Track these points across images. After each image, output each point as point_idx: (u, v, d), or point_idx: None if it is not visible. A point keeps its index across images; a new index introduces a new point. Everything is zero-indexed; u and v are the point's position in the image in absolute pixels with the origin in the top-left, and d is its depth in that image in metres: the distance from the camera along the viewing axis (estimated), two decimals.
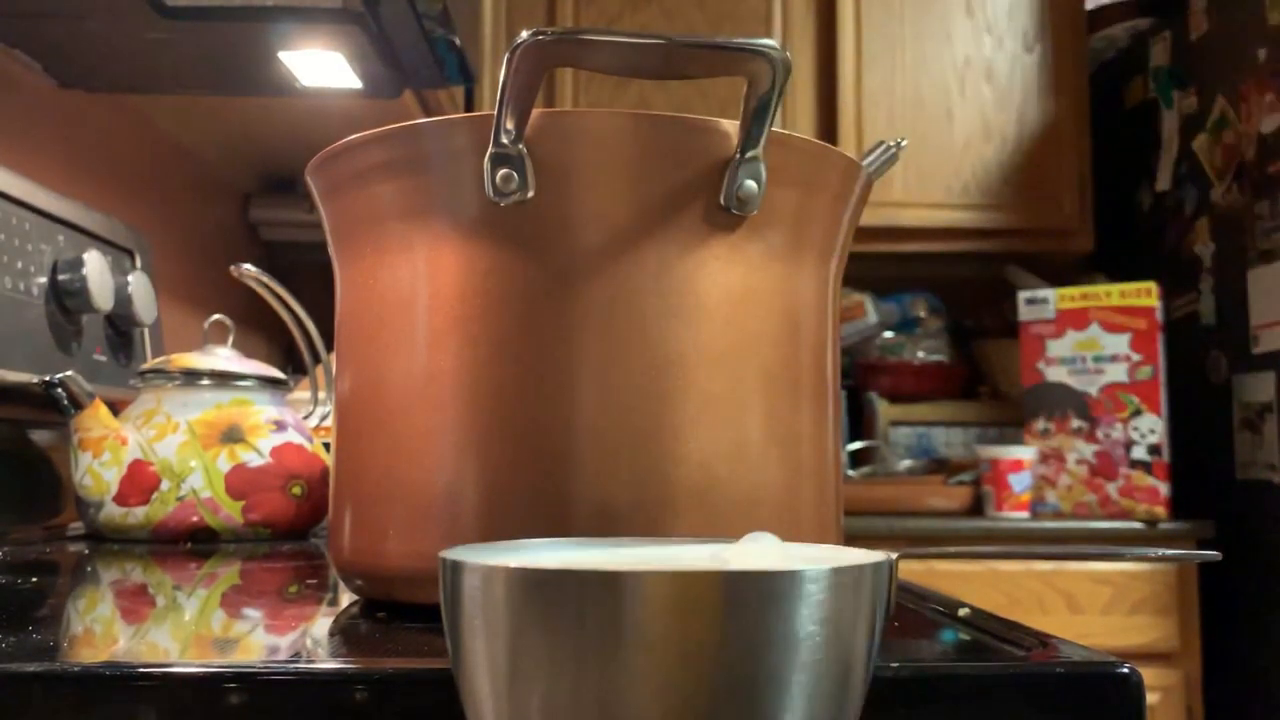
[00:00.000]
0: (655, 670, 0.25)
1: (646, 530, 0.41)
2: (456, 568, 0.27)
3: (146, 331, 1.12)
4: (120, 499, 0.81)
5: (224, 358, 0.88)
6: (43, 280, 0.94)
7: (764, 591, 0.25)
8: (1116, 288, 1.82)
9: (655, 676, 0.25)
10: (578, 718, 0.25)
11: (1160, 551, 0.32)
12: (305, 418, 0.93)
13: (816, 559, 0.32)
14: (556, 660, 0.25)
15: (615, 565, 0.26)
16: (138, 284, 1.04)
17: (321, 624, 0.44)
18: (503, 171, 0.41)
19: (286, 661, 0.35)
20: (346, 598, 0.50)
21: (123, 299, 1.02)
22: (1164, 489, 1.75)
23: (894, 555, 0.30)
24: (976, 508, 1.83)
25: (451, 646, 0.27)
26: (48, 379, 0.82)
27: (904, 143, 0.52)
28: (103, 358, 1.03)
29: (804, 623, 0.26)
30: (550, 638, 0.25)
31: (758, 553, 0.33)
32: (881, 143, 0.52)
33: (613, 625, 0.25)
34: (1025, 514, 1.78)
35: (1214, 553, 0.33)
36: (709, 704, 0.25)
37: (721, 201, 0.42)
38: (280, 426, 0.86)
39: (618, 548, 0.35)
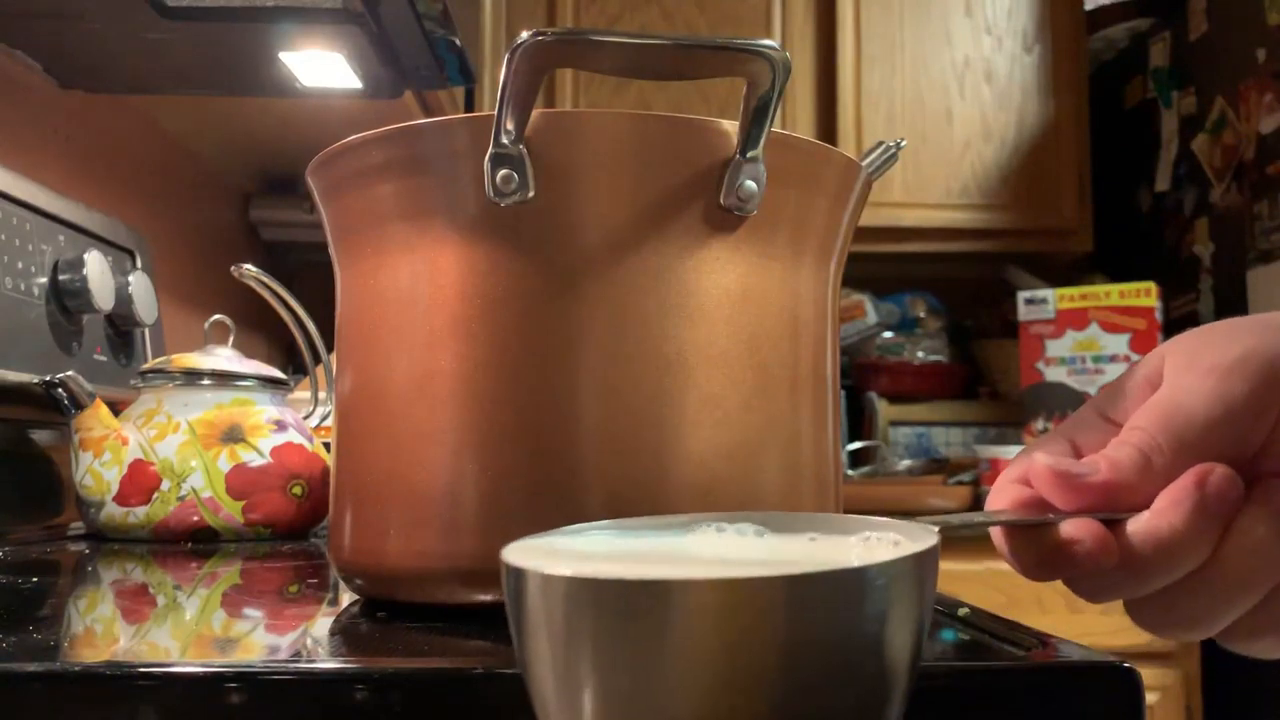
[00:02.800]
0: (715, 674, 0.25)
1: None
2: (519, 574, 0.27)
3: (147, 331, 1.12)
4: (121, 499, 0.81)
5: (225, 358, 0.88)
6: (43, 280, 0.94)
7: (824, 592, 0.25)
8: (1116, 288, 1.82)
9: (714, 680, 0.25)
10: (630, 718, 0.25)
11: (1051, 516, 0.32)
12: (306, 418, 0.93)
13: (850, 546, 0.31)
14: (612, 664, 0.25)
15: (672, 573, 0.26)
16: (138, 284, 1.04)
17: (322, 624, 0.44)
18: (503, 172, 0.41)
19: (287, 661, 0.35)
20: (347, 597, 0.50)
21: (123, 299, 1.02)
22: None
23: (936, 529, 0.29)
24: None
25: (517, 645, 0.28)
26: (48, 379, 0.82)
27: (904, 143, 0.52)
28: (103, 358, 1.03)
29: (865, 618, 0.25)
30: (604, 642, 0.25)
31: (791, 545, 0.33)
32: (881, 143, 0.52)
33: (664, 632, 0.25)
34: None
35: (1051, 516, 0.32)
36: (768, 705, 0.25)
37: (721, 202, 0.42)
38: (281, 426, 0.86)
39: (662, 534, 0.34)
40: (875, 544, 0.30)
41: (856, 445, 2.03)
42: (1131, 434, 0.31)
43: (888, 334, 2.17)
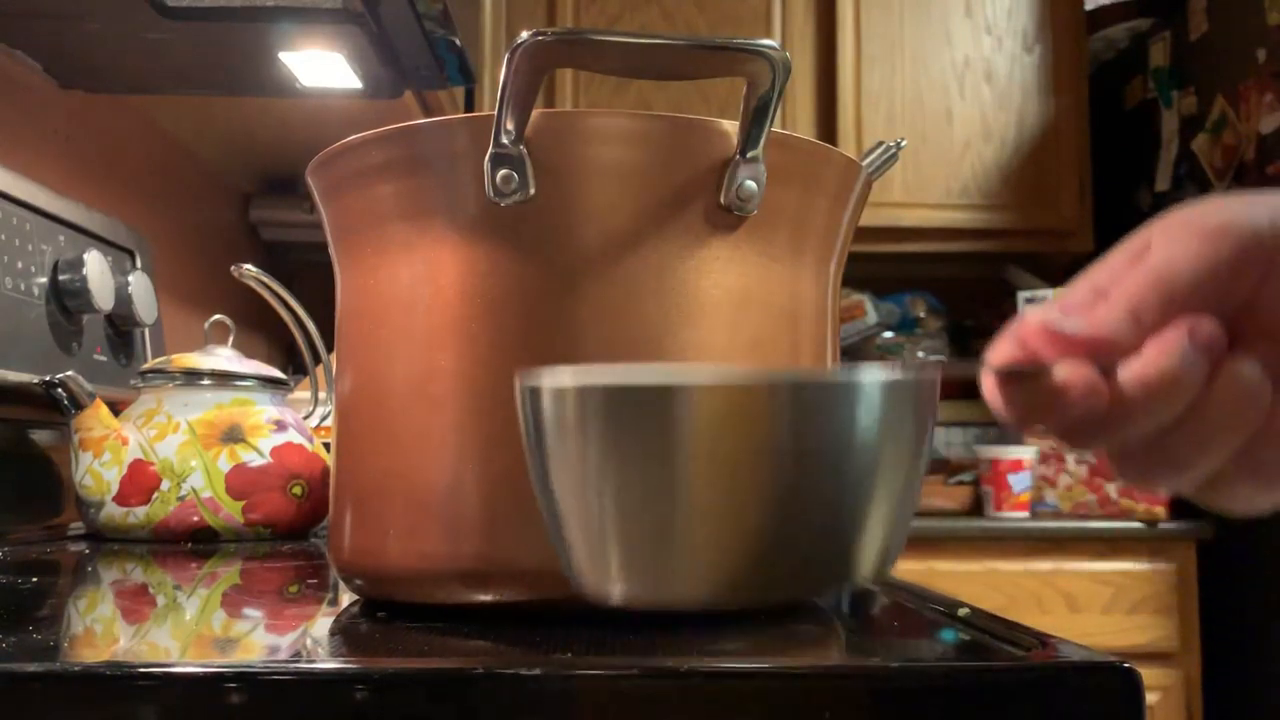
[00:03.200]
0: (725, 471, 0.27)
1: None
2: (534, 391, 0.29)
3: (147, 331, 1.12)
4: (121, 499, 0.81)
5: (224, 358, 0.88)
6: (43, 280, 0.94)
7: (826, 397, 0.27)
8: None
9: (724, 477, 0.27)
10: (645, 514, 0.28)
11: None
12: (306, 418, 0.93)
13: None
14: (627, 467, 0.28)
15: (680, 379, 0.28)
16: (138, 284, 1.04)
17: (322, 624, 0.44)
18: (503, 172, 0.41)
19: (287, 661, 0.35)
20: (347, 597, 0.50)
21: (123, 299, 1.02)
22: None
23: (939, 363, 0.31)
24: (976, 507, 1.83)
25: (534, 464, 0.30)
26: (48, 379, 0.82)
27: (904, 143, 0.52)
28: (103, 358, 1.03)
29: (861, 427, 0.28)
30: (620, 443, 0.28)
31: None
32: (881, 143, 0.52)
33: (675, 433, 0.27)
34: (1025, 514, 1.78)
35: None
36: (771, 501, 0.27)
37: (721, 201, 0.42)
38: (281, 426, 0.86)
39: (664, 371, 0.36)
40: (879, 372, 0.31)
41: None
42: (1121, 293, 0.32)
43: (888, 334, 2.17)
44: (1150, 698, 1.67)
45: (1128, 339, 0.31)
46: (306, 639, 0.40)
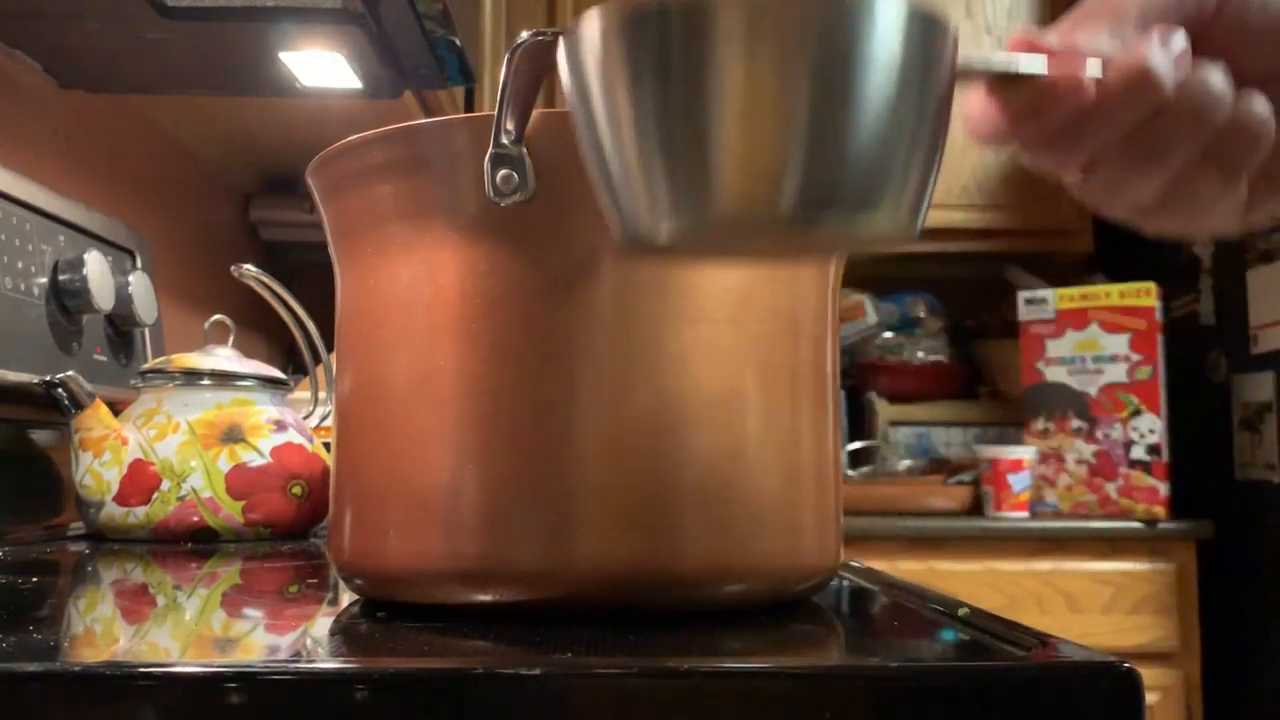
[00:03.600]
0: (761, 80, 0.29)
1: (646, 531, 0.41)
2: (572, 36, 0.31)
3: (147, 331, 1.12)
4: (121, 499, 0.81)
5: (224, 358, 0.88)
6: (43, 280, 0.94)
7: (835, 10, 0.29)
8: (1116, 288, 1.82)
9: (760, 86, 0.29)
10: (688, 127, 0.29)
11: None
12: (306, 418, 0.93)
13: None
14: (667, 84, 0.29)
15: None
16: (138, 284, 1.04)
17: (322, 624, 0.44)
18: (503, 172, 0.41)
19: (287, 661, 0.35)
20: (347, 597, 0.50)
21: (123, 299, 1.02)
22: (1163, 489, 1.75)
23: (957, 28, 0.33)
24: (976, 507, 1.83)
25: (577, 104, 0.32)
26: (48, 379, 0.82)
27: None
28: (103, 358, 1.03)
29: (878, 51, 0.29)
30: (662, 62, 0.29)
31: None
32: None
33: (709, 44, 0.29)
34: (1024, 514, 1.78)
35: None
36: (805, 113, 0.29)
37: None
38: (281, 426, 0.86)
39: None
40: None
41: (856, 445, 2.03)
42: (1105, 9, 0.35)
43: (888, 334, 2.17)
44: (1150, 698, 1.67)
45: (1109, 49, 0.34)
46: (306, 639, 0.40)
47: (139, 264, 1.12)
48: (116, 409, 0.86)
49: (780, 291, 0.44)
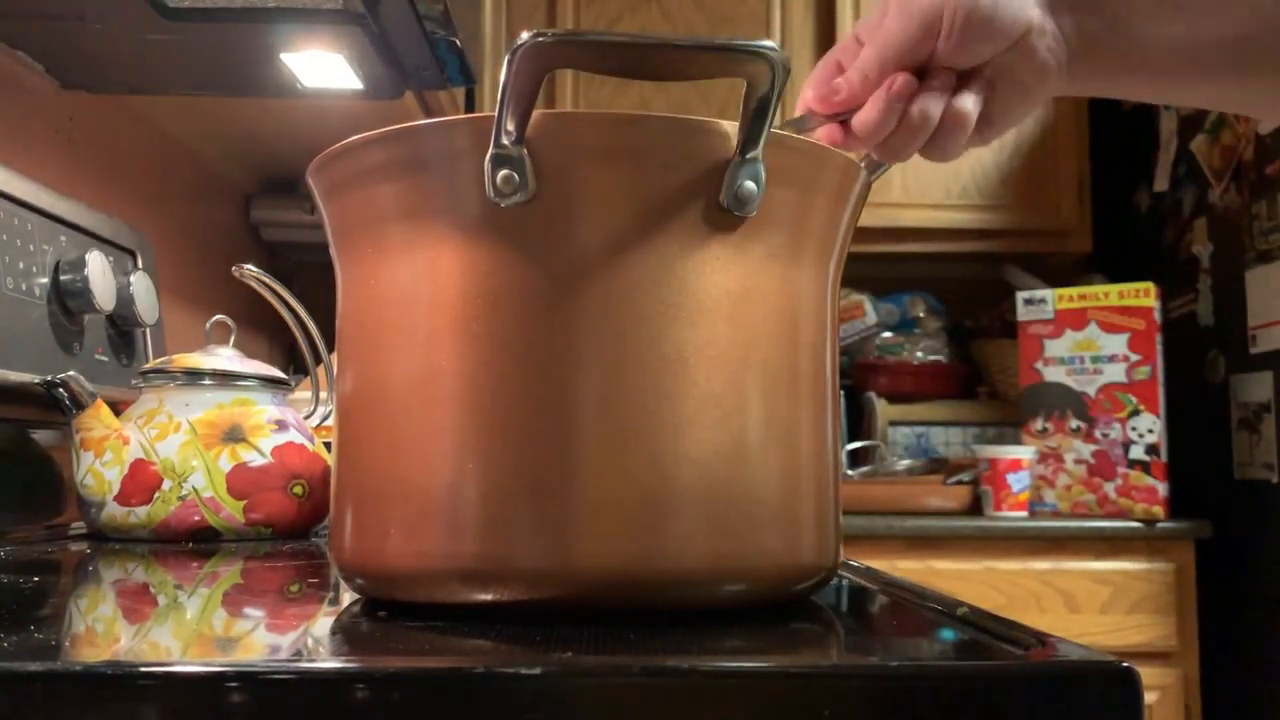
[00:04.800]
0: None
1: (646, 530, 0.41)
2: None
3: (148, 332, 1.12)
4: (122, 498, 0.81)
5: (226, 358, 0.88)
6: (44, 281, 0.94)
7: None
8: (1115, 288, 1.82)
9: None
10: None
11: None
12: (306, 417, 0.94)
13: None
14: None
15: None
16: (139, 284, 1.04)
17: (323, 623, 0.44)
18: (503, 172, 0.41)
19: (288, 661, 0.35)
20: (348, 597, 0.50)
21: (124, 299, 1.02)
22: (1162, 489, 1.75)
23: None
24: (975, 507, 1.83)
25: None
26: (49, 379, 0.82)
27: None
28: (104, 358, 1.03)
29: None
30: None
31: None
32: None
33: None
34: (1023, 513, 1.78)
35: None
36: None
37: (721, 202, 0.42)
38: (282, 426, 0.86)
39: None
40: None
41: (856, 445, 2.03)
42: (858, 61, 0.53)
43: (887, 334, 2.17)
44: (1149, 697, 1.67)
45: (861, 91, 0.52)
46: (307, 638, 0.40)
47: (140, 264, 1.12)
48: (118, 409, 0.87)
49: (780, 291, 0.44)
